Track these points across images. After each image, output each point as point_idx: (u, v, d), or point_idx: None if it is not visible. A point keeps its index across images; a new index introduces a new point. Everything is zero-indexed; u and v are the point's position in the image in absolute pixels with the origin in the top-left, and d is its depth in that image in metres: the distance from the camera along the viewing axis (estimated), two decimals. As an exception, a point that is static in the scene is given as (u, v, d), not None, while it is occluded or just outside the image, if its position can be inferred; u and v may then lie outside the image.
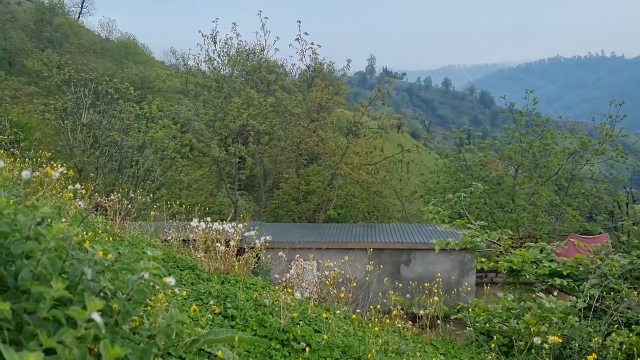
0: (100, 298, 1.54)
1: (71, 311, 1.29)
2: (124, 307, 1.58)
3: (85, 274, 1.55)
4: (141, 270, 1.63)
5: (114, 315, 1.57)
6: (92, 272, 1.58)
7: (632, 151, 29.67)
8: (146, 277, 1.62)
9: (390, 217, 29.30)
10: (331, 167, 25.79)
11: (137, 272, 1.63)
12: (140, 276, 1.62)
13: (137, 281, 1.61)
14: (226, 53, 27.19)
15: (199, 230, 6.04)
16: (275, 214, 29.04)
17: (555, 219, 27.35)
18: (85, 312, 1.28)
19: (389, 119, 27.40)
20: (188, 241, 6.45)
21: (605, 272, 5.38)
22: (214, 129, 26.28)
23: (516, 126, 26.84)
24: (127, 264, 1.74)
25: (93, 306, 1.29)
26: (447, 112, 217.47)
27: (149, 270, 1.63)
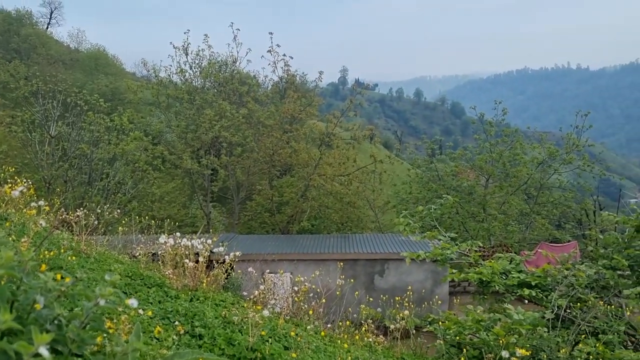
0: (54, 326, 1.49)
1: (17, 345, 1.24)
2: (79, 335, 1.52)
3: (37, 302, 1.49)
4: (97, 297, 1.57)
5: (69, 344, 1.51)
6: (44, 300, 1.52)
7: (598, 160, 30.36)
8: (102, 304, 1.57)
9: (363, 228, 29.37)
10: (304, 179, 25.76)
11: (92, 299, 1.58)
12: (96, 303, 1.56)
13: (92, 308, 1.56)
14: (198, 65, 27.07)
15: (167, 246, 5.94)
16: (249, 225, 28.84)
17: (526, 228, 27.75)
18: (31, 347, 1.23)
19: (361, 130, 27.51)
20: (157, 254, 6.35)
21: (572, 282, 5.46)
22: (186, 140, 26.05)
23: (486, 136, 27.24)
24: (82, 290, 1.68)
25: (40, 340, 1.23)
26: (419, 122, 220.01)
27: (105, 297, 1.58)
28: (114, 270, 5.20)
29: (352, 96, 26.54)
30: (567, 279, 5.50)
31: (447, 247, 5.90)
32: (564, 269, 5.73)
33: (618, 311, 5.63)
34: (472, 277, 5.68)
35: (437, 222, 7.43)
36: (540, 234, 27.00)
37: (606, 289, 5.74)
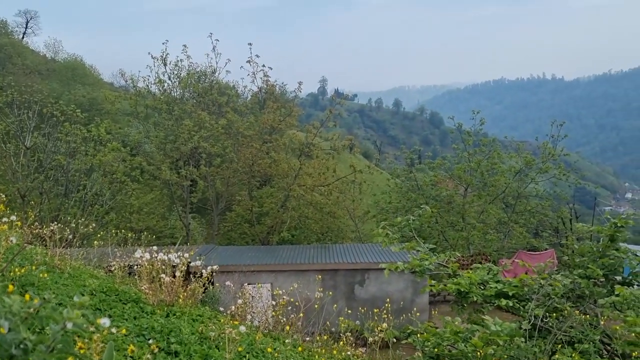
0: (19, 351, 1.45)
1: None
2: (45, 360, 1.48)
3: (2, 327, 1.45)
4: (64, 320, 1.54)
5: (36, 369, 1.47)
6: (8, 324, 1.48)
7: (574, 169, 30.85)
8: (69, 327, 1.53)
9: (344, 238, 29.37)
10: (284, 189, 25.71)
11: (60, 322, 1.54)
12: (62, 327, 1.52)
13: (59, 332, 1.52)
14: (177, 75, 26.92)
15: (143, 260, 5.85)
16: (228, 236, 28.66)
17: (504, 236, 28.02)
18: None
19: (341, 140, 27.60)
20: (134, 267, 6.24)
21: (549, 292, 5.52)
22: (165, 151, 25.85)
23: (464, 146, 27.50)
24: (50, 313, 1.64)
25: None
26: (398, 132, 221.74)
27: (72, 320, 1.54)
28: (88, 285, 5.09)
29: (331, 106, 26.62)
30: (543, 288, 5.56)
31: (426, 258, 5.92)
32: (541, 278, 5.79)
33: (594, 320, 5.70)
34: (450, 288, 5.70)
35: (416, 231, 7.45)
36: (518, 243, 27.27)
37: (582, 298, 5.81)
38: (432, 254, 6.04)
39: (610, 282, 5.85)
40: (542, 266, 6.16)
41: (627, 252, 6.00)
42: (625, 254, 5.92)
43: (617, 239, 6.14)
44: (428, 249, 5.99)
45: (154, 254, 6.05)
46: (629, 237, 27.16)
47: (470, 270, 5.99)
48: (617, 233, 6.10)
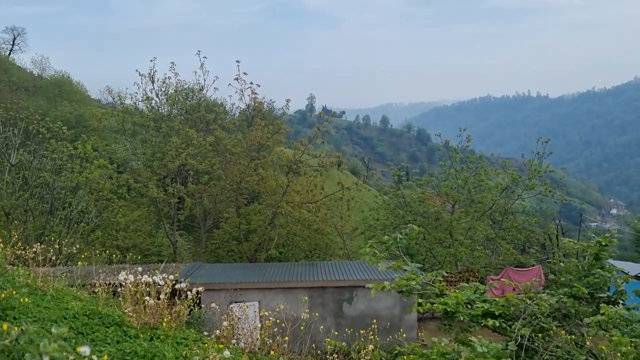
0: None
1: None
2: (21, 394, 1.45)
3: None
4: (40, 353, 1.50)
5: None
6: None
7: (559, 185, 31.12)
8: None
9: (332, 255, 29.30)
10: (272, 206, 25.65)
11: (36, 355, 1.51)
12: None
13: (36, 365, 1.48)
14: (164, 92, 26.89)
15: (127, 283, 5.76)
16: (216, 254, 28.48)
17: (491, 253, 28.10)
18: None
19: (328, 157, 27.66)
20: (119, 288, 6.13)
21: (535, 311, 5.53)
22: (152, 168, 25.73)
23: (451, 163, 27.66)
24: (26, 346, 1.61)
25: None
26: (386, 149, 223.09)
27: (49, 354, 1.51)
28: (71, 308, 5.00)
29: (319, 124, 26.72)
30: (530, 307, 5.57)
31: (412, 277, 5.92)
32: (527, 297, 5.81)
33: (580, 340, 5.71)
34: (437, 307, 5.69)
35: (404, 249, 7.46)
36: (505, 259, 27.35)
37: (568, 317, 5.82)
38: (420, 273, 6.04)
39: (596, 301, 5.88)
40: (529, 285, 6.17)
41: (612, 270, 6.04)
42: (610, 272, 5.96)
43: (602, 257, 6.18)
44: (415, 267, 5.99)
45: (138, 275, 5.96)
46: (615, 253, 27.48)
47: (457, 289, 5.99)
48: (602, 252, 6.14)
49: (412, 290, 5.83)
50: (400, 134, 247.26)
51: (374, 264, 6.23)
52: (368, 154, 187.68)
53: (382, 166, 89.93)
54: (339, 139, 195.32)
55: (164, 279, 5.97)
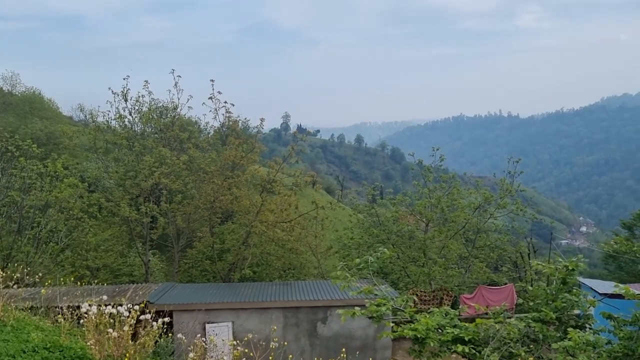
0: None
1: None
2: None
3: None
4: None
5: None
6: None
7: (530, 204, 31.63)
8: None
9: (306, 274, 29.20)
10: (246, 225, 25.50)
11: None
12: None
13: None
14: (138, 110, 26.66)
15: (90, 314, 5.62)
16: (189, 273, 28.14)
17: (465, 271, 28.33)
18: None
19: (303, 176, 27.67)
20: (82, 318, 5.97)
21: (504, 337, 5.58)
22: (125, 187, 25.40)
23: (425, 182, 27.93)
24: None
25: None
26: (360, 167, 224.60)
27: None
28: (31, 340, 4.86)
29: (293, 143, 26.77)
30: (499, 333, 5.63)
31: (383, 302, 5.93)
32: (496, 322, 5.86)
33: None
34: (407, 333, 5.71)
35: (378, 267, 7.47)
36: (478, 277, 27.60)
37: (536, 342, 5.89)
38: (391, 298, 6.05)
39: (564, 326, 5.96)
40: (498, 310, 6.24)
41: (579, 294, 6.15)
42: (577, 296, 6.07)
43: (570, 281, 6.29)
44: (387, 292, 6.00)
45: (103, 305, 5.83)
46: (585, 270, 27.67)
47: (428, 314, 6.02)
48: (569, 276, 6.25)
49: (383, 315, 5.83)
50: (375, 153, 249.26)
51: (344, 289, 6.24)
52: (343, 172, 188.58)
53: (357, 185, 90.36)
54: (313, 158, 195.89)
55: (129, 309, 5.84)
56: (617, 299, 20.83)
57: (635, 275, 35.87)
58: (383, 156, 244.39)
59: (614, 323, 6.28)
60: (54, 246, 22.86)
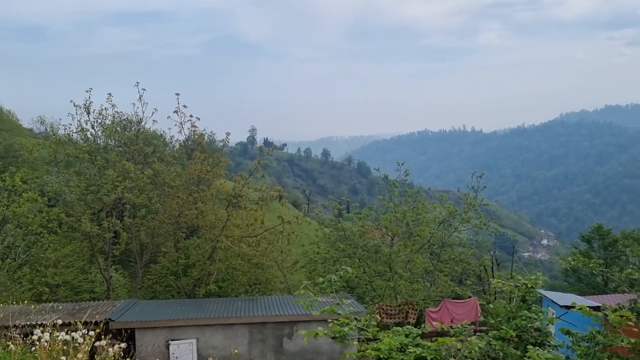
0: None
1: None
2: None
3: None
4: None
5: None
6: None
7: (493, 218, 32.24)
8: None
9: (272, 289, 29.03)
10: (211, 240, 25.26)
11: None
12: None
13: None
14: (100, 124, 26.21)
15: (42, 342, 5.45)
16: (153, 290, 27.66)
17: (430, 285, 28.59)
18: None
19: (269, 191, 27.61)
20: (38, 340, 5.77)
21: (466, 356, 5.66)
22: (86, 202, 24.87)
23: (390, 197, 28.19)
24: None
25: None
26: (327, 181, 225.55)
27: None
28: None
29: (260, 157, 26.73)
30: (460, 352, 5.71)
31: (346, 322, 5.95)
32: (457, 341, 5.95)
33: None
34: (369, 353, 5.74)
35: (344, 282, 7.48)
36: (443, 291, 27.88)
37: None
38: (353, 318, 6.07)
39: (524, 343, 6.09)
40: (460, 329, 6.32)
41: (538, 312, 6.29)
42: (537, 314, 6.21)
43: (529, 299, 6.43)
44: (350, 312, 6.03)
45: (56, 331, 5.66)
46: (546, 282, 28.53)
47: (391, 333, 6.06)
48: (529, 293, 6.40)
49: (346, 336, 5.85)
50: (341, 167, 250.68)
51: (307, 309, 6.24)
52: (309, 186, 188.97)
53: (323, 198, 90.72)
54: (280, 171, 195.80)
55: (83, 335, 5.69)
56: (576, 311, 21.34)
57: (594, 287, 36.89)
58: (349, 170, 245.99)
59: (572, 339, 6.44)
60: (12, 262, 22.20)
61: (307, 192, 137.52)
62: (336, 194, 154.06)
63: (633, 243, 36.75)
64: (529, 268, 72.14)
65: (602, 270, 10.60)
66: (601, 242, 40.29)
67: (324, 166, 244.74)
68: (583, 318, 6.54)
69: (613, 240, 39.69)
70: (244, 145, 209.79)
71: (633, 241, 37.83)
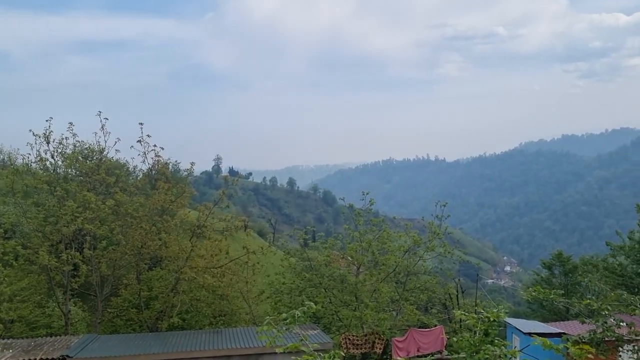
0: None
1: None
2: None
3: None
4: None
5: None
6: None
7: (457, 246, 32.67)
8: None
9: (237, 321, 28.56)
10: (175, 271, 24.81)
11: None
12: None
13: None
14: (61, 153, 25.68)
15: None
16: (114, 323, 26.86)
17: (396, 314, 28.63)
18: None
19: (234, 220, 27.40)
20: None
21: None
22: (44, 233, 24.17)
23: (355, 226, 28.33)
24: None
25: None
26: (293, 210, 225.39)
27: None
28: None
29: (225, 187, 26.59)
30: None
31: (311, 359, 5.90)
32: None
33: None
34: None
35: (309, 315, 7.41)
36: (409, 320, 27.92)
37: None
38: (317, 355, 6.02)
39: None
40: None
41: (500, 345, 6.36)
42: (500, 348, 6.27)
43: (491, 332, 6.50)
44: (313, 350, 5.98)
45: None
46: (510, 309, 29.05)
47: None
48: (491, 327, 6.48)
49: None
50: (307, 196, 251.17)
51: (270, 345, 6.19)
52: (275, 215, 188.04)
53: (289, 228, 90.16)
54: (246, 201, 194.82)
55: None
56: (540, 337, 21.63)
57: (556, 313, 37.53)
58: (315, 199, 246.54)
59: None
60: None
61: (272, 221, 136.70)
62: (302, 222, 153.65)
63: (592, 269, 37.69)
64: (492, 295, 73.10)
65: (562, 301, 10.82)
66: (562, 268, 41.23)
67: (290, 195, 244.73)
68: (545, 350, 6.64)
69: (573, 266, 40.67)
70: (209, 174, 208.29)
71: (592, 267, 38.80)
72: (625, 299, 10.08)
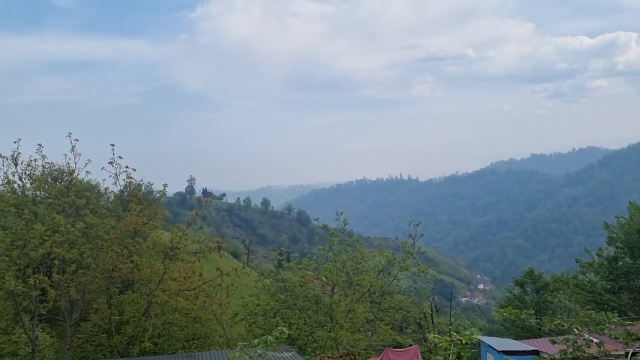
0: None
1: None
2: None
3: None
4: None
5: None
6: None
7: (431, 265, 32.89)
8: None
9: (211, 344, 28.11)
10: (147, 295, 24.38)
11: None
12: None
13: None
14: (29, 175, 25.17)
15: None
16: (83, 349, 26.18)
17: (371, 334, 28.56)
18: None
19: (208, 242, 27.12)
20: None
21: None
22: (11, 257, 23.52)
23: (329, 246, 28.32)
24: None
25: None
26: (267, 231, 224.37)
27: None
28: None
29: (198, 208, 26.35)
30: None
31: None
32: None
33: None
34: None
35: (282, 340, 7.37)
36: (385, 339, 27.89)
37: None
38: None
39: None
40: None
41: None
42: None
43: (464, 355, 6.56)
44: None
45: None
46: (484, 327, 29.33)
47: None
48: (463, 350, 6.53)
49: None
50: (281, 216, 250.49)
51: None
52: (249, 235, 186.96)
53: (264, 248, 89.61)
54: (219, 222, 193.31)
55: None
56: (514, 355, 21.70)
57: (529, 330, 37.90)
58: (290, 219, 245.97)
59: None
60: None
61: (247, 242, 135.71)
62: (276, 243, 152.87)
63: (563, 286, 38.28)
64: (467, 313, 73.54)
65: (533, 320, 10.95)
66: (534, 285, 41.80)
67: (264, 215, 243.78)
68: None
69: (544, 283, 41.31)
70: (183, 195, 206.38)
71: (563, 284, 39.44)
72: (594, 317, 10.27)
